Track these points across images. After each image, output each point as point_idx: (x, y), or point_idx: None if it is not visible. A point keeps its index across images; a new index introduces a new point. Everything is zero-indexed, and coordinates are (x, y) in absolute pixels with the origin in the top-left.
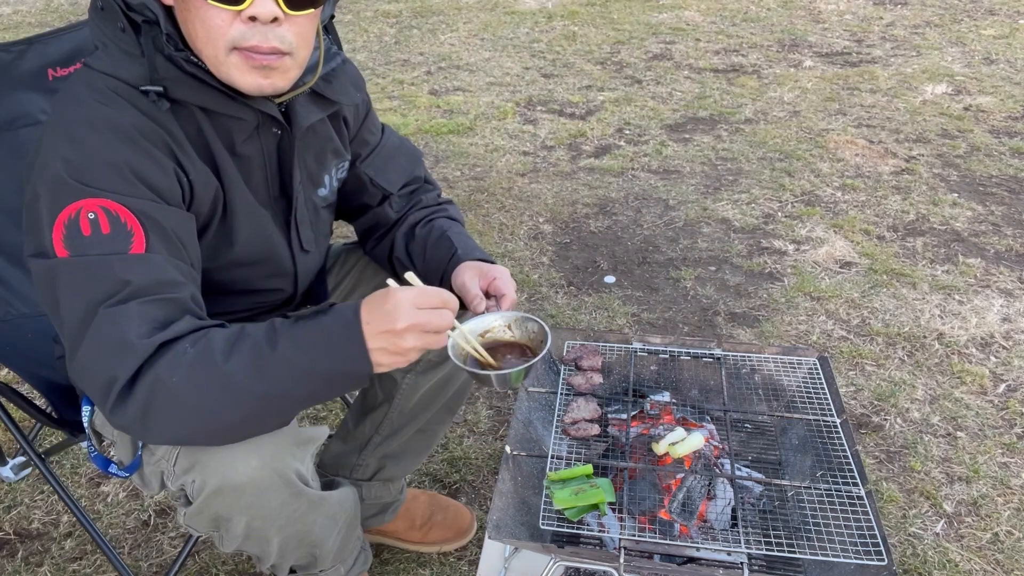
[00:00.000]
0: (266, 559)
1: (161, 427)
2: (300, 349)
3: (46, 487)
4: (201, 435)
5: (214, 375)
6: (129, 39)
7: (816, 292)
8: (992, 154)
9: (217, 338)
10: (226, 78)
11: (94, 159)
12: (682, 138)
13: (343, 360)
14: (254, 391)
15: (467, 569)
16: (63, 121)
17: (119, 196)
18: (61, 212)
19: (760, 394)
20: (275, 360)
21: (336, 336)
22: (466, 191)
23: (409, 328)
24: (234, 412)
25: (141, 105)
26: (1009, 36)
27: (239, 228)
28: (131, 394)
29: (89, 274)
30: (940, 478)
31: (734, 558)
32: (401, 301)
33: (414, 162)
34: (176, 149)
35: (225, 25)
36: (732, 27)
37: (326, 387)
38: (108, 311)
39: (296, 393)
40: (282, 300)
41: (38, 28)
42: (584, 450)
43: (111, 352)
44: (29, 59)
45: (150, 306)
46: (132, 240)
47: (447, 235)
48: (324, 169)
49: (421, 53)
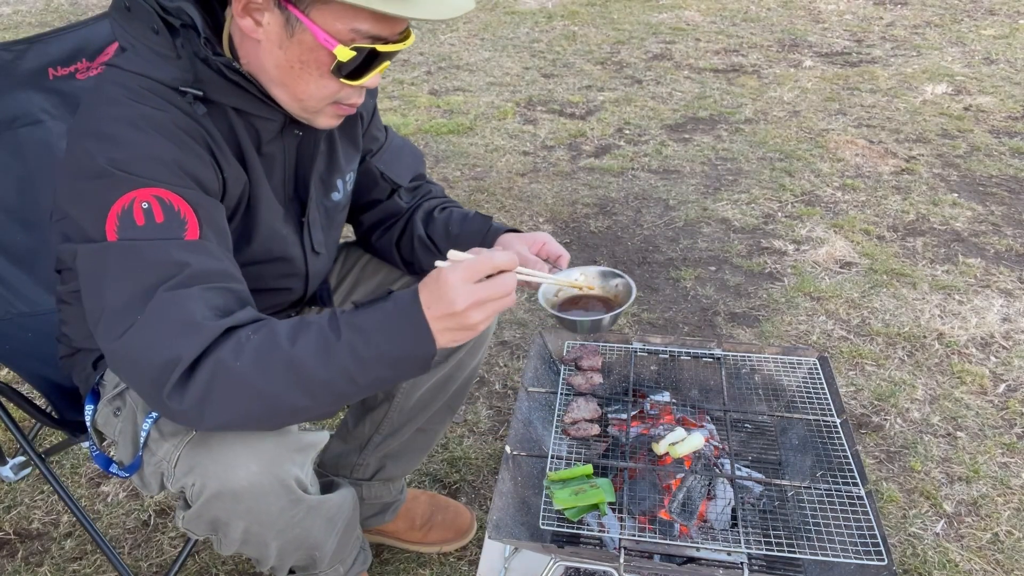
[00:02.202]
0: (265, 562)
1: (220, 411)
2: (364, 336)
3: (46, 487)
4: (263, 419)
5: (281, 359)
6: (163, 41)
7: (816, 292)
8: (992, 154)
9: (280, 326)
10: (306, 119)
11: (140, 153)
12: (682, 138)
13: (408, 345)
14: (321, 376)
15: (467, 569)
16: (99, 121)
17: (171, 185)
18: (114, 204)
19: (760, 394)
20: (341, 347)
21: (399, 321)
22: (466, 191)
23: (470, 306)
24: (301, 396)
25: (178, 104)
26: (1009, 36)
27: (260, 225)
28: (192, 378)
29: (143, 258)
30: (940, 478)
31: (734, 558)
32: (454, 283)
33: (418, 160)
34: (213, 146)
35: (339, 89)
36: (732, 27)
37: (392, 371)
38: (170, 293)
39: (362, 379)
40: (291, 301)
41: (38, 28)
42: (584, 450)
43: (174, 333)
44: (30, 59)
45: (212, 293)
46: (187, 228)
47: (476, 214)
48: (338, 173)
49: (421, 53)
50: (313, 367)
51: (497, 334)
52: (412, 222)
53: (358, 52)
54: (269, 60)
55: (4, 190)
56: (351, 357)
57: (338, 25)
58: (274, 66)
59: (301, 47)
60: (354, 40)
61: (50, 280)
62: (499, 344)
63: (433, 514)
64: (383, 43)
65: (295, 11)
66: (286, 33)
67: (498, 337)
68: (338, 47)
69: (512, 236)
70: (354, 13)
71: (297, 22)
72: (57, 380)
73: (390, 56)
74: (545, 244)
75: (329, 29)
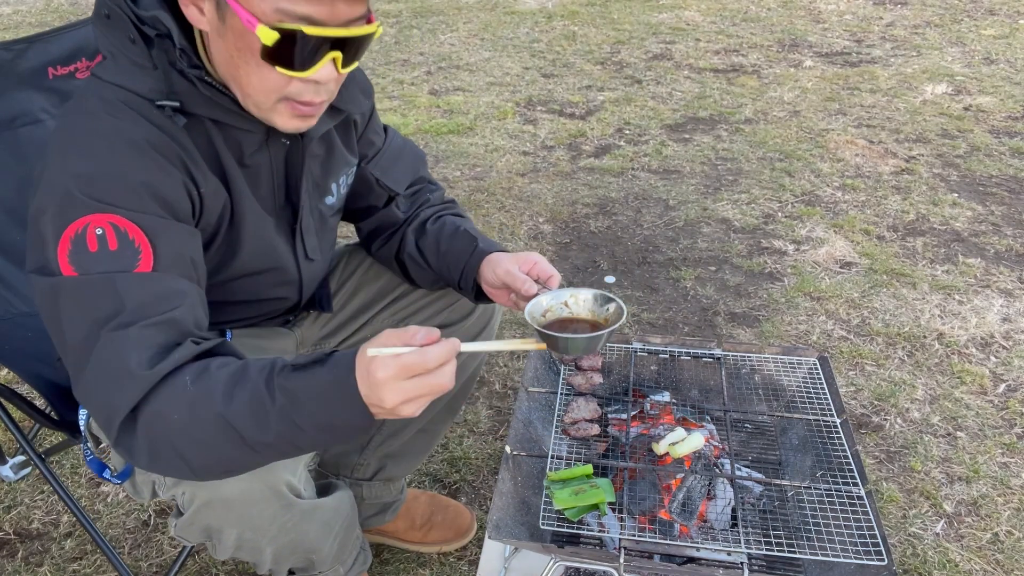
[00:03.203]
0: (262, 566)
1: (169, 461)
2: (298, 404)
3: (46, 487)
4: (208, 472)
5: (217, 417)
6: (140, 51)
7: (816, 292)
8: (992, 154)
9: (218, 377)
10: (264, 118)
11: (106, 173)
12: (682, 138)
13: (343, 416)
14: (259, 437)
15: (467, 569)
16: (73, 133)
17: (129, 212)
18: (68, 227)
19: (760, 394)
20: (275, 411)
21: (334, 393)
22: (466, 191)
23: (400, 403)
24: (246, 452)
25: (154, 118)
26: (1009, 36)
27: (245, 239)
28: (134, 428)
29: (92, 293)
30: (940, 478)
31: (734, 558)
32: (383, 380)
33: (418, 163)
34: (188, 162)
35: (284, 82)
36: (732, 27)
37: (332, 436)
38: (109, 335)
39: (302, 442)
40: (286, 308)
41: (38, 28)
42: (584, 450)
43: (112, 381)
44: (29, 58)
45: (151, 330)
46: (139, 257)
47: (465, 230)
48: (332, 177)
49: (421, 53)
50: (250, 429)
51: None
52: (406, 236)
53: (282, 34)
54: (218, 55)
55: (4, 190)
56: (286, 423)
57: (263, 4)
58: (222, 61)
59: (233, 33)
60: (280, 20)
61: None
62: None
63: (433, 514)
64: (317, 26)
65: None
66: (219, 19)
67: (498, 337)
68: (260, 27)
69: (502, 255)
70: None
71: (225, 5)
72: (56, 380)
73: (340, 46)
74: (536, 264)
75: (253, 9)
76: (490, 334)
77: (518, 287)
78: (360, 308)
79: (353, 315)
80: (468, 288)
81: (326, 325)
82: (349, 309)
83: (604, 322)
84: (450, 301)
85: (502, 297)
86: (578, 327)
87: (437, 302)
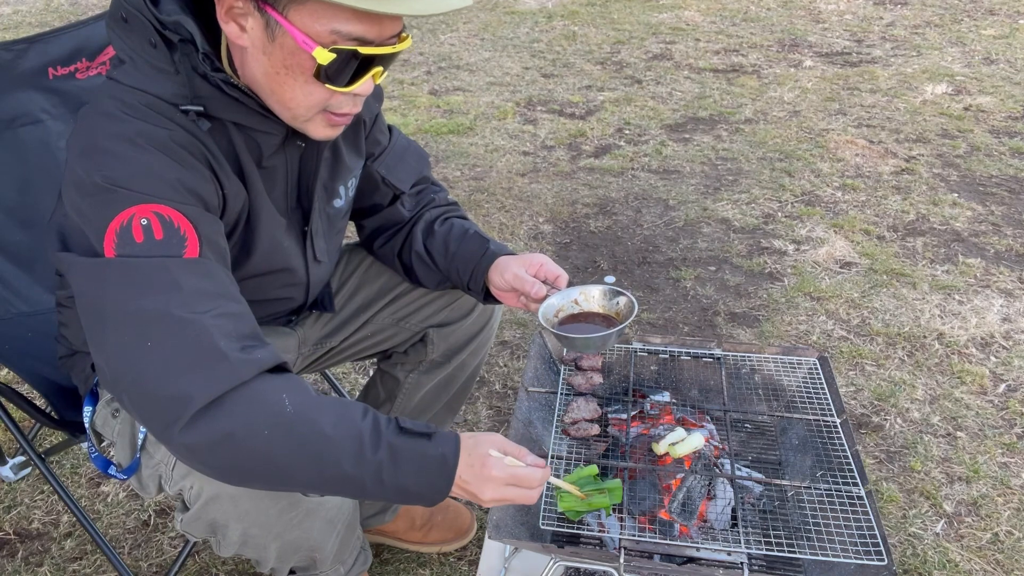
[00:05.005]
0: (265, 563)
1: (231, 466)
2: (396, 465)
3: (46, 487)
4: (268, 485)
5: (318, 445)
6: (161, 55)
7: (816, 292)
8: (992, 154)
9: (324, 409)
10: (299, 127)
11: (140, 170)
12: (682, 138)
13: (428, 489)
14: (344, 474)
15: (467, 569)
16: (96, 135)
17: (170, 201)
18: (112, 220)
19: (760, 394)
20: (371, 461)
21: (431, 467)
22: (466, 191)
23: (492, 499)
24: (317, 483)
25: (177, 120)
26: (1009, 36)
27: (259, 239)
28: (214, 418)
29: (144, 276)
30: (940, 478)
31: (734, 558)
32: (493, 478)
33: (422, 162)
34: (213, 162)
35: (327, 96)
36: (732, 27)
37: (398, 498)
38: (182, 316)
39: (370, 492)
40: (292, 308)
41: (38, 28)
42: (584, 450)
43: (194, 364)
44: (30, 58)
45: (224, 320)
46: (186, 244)
47: (475, 232)
48: (340, 180)
49: (421, 53)
50: (344, 464)
51: (497, 334)
52: (412, 235)
53: (338, 55)
54: (257, 68)
55: (4, 190)
56: (373, 475)
57: (317, 26)
58: (262, 74)
59: (283, 51)
60: (335, 42)
61: (50, 280)
62: (499, 344)
63: (433, 514)
64: (367, 45)
65: (273, 13)
66: (267, 37)
67: (498, 337)
68: (317, 49)
69: (509, 259)
70: (332, 13)
71: (277, 25)
72: (57, 380)
73: (383, 61)
74: (543, 265)
75: (308, 31)
76: (490, 333)
77: (527, 291)
78: (361, 307)
79: (354, 314)
80: (478, 290)
81: (327, 325)
82: (350, 308)
83: (616, 315)
84: (450, 300)
85: (511, 299)
86: (591, 321)
87: (437, 301)
